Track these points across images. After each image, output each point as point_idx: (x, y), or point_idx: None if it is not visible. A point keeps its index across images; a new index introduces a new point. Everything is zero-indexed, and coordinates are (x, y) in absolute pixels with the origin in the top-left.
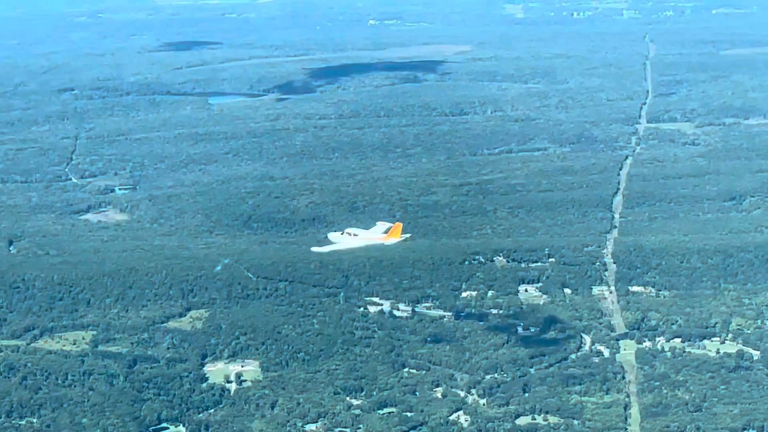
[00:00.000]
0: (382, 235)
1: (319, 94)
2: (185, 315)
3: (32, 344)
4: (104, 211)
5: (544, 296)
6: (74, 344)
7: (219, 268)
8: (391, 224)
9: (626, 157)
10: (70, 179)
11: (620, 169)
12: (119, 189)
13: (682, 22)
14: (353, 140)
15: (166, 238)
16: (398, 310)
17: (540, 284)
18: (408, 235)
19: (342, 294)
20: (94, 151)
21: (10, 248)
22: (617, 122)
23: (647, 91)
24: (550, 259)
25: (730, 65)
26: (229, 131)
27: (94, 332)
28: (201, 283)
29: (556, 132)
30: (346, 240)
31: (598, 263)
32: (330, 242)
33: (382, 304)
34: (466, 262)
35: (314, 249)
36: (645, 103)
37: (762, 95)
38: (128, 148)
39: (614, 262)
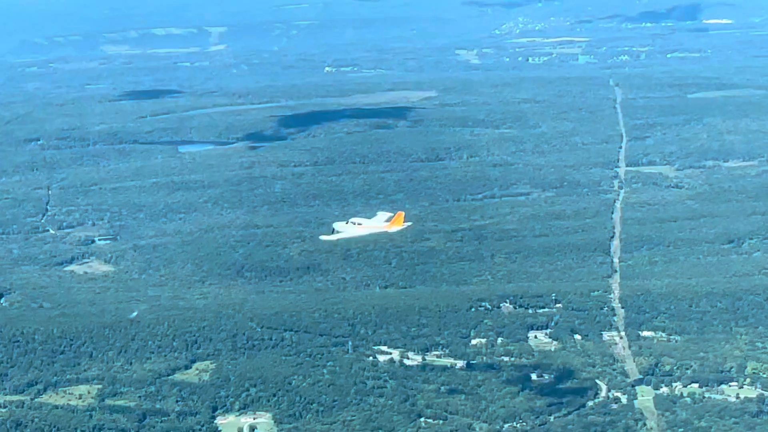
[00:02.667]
0: (384, 223)
1: (291, 142)
2: (191, 367)
3: (37, 399)
4: (88, 263)
5: (555, 342)
6: (80, 399)
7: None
8: (392, 214)
9: (614, 201)
10: (48, 230)
11: (612, 213)
12: (99, 239)
13: (640, 67)
14: (333, 187)
15: (158, 289)
16: (408, 358)
17: (549, 330)
18: (409, 224)
19: (350, 343)
20: (69, 202)
21: (1, 301)
22: (597, 166)
23: (621, 135)
24: (557, 305)
25: (700, 108)
26: (205, 179)
27: (100, 386)
28: (204, 334)
29: (537, 177)
30: (351, 229)
31: (606, 308)
32: (336, 231)
33: (391, 353)
34: (473, 309)
35: (323, 237)
36: (621, 147)
37: (737, 138)
38: (103, 198)
39: (622, 307)
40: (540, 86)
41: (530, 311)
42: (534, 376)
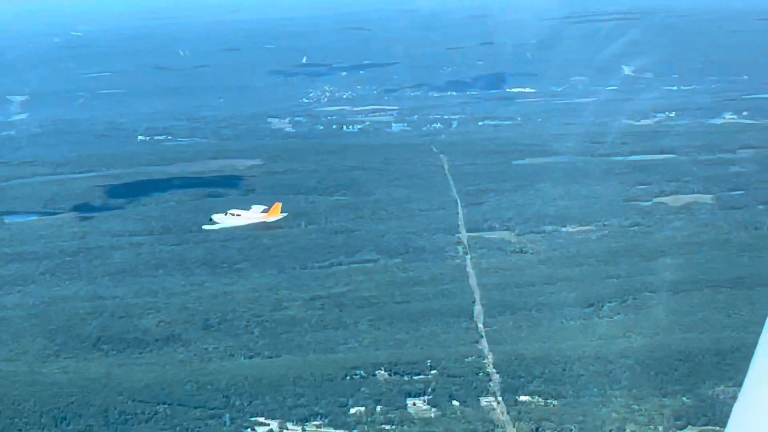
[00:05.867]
0: (262, 214)
1: (123, 211)
2: None
3: None
4: None
5: (434, 409)
6: None
7: None
8: (266, 206)
9: (465, 267)
10: None
11: (468, 279)
12: None
13: (456, 134)
14: (175, 256)
15: (12, 364)
16: (287, 429)
17: (427, 397)
18: (285, 214)
19: (227, 415)
20: None
21: None
22: (439, 232)
23: (456, 201)
24: (433, 371)
25: (527, 175)
26: (39, 251)
27: None
28: (74, 409)
29: (381, 243)
30: (230, 220)
31: (481, 373)
32: (215, 222)
33: (269, 424)
34: (348, 377)
35: (205, 227)
36: (458, 213)
37: (571, 203)
38: None
39: (497, 372)
40: (365, 154)
41: (406, 378)
42: None
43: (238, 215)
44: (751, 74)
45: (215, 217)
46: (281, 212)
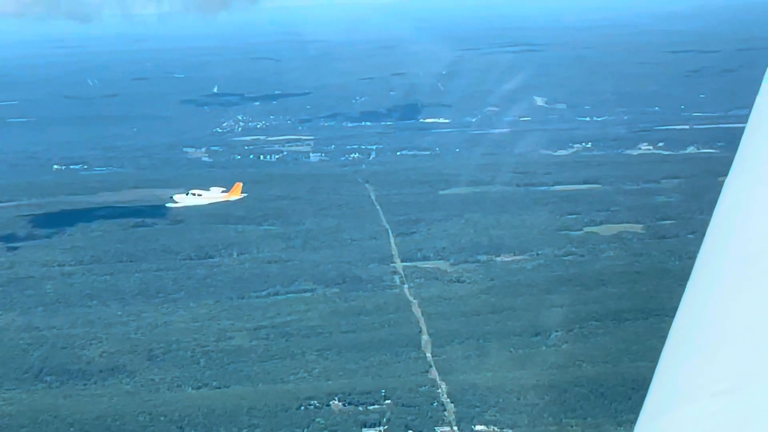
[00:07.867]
0: (223, 194)
1: (50, 241)
2: None
3: None
4: None
5: None
6: None
7: None
8: (224, 188)
9: (406, 296)
10: None
11: (411, 308)
12: None
13: (377, 164)
14: (109, 287)
15: None
16: None
17: (383, 427)
18: (245, 195)
19: None
20: None
21: None
22: (374, 262)
23: (387, 231)
24: (387, 401)
25: (456, 204)
26: None
27: None
28: None
29: (317, 273)
30: (192, 199)
31: (436, 403)
32: (176, 202)
33: None
34: (302, 408)
35: (168, 205)
36: (391, 243)
37: (503, 232)
38: None
39: (451, 402)
40: (290, 183)
41: (360, 408)
42: None
43: (199, 195)
44: (662, 106)
45: (176, 197)
46: (242, 192)
